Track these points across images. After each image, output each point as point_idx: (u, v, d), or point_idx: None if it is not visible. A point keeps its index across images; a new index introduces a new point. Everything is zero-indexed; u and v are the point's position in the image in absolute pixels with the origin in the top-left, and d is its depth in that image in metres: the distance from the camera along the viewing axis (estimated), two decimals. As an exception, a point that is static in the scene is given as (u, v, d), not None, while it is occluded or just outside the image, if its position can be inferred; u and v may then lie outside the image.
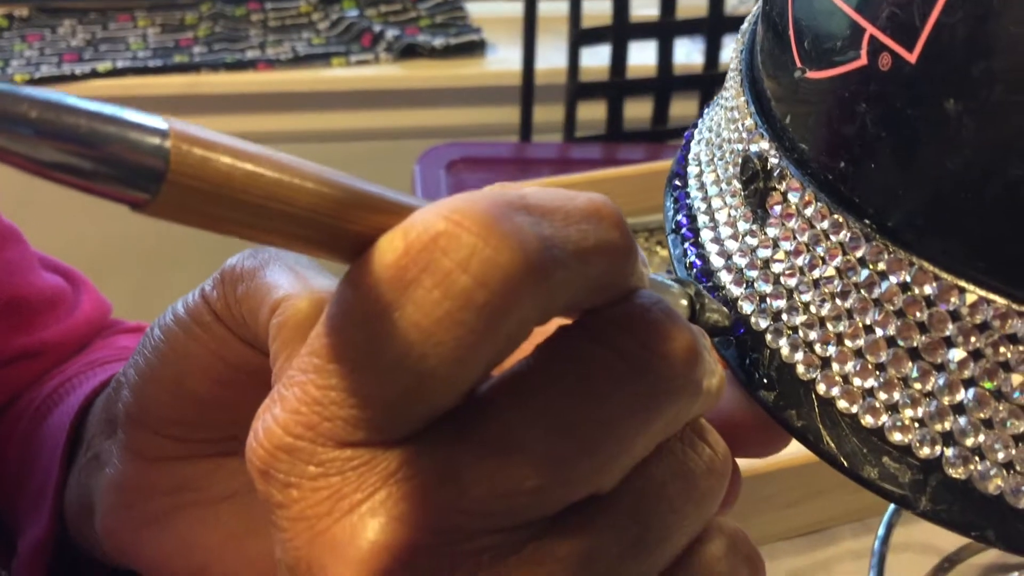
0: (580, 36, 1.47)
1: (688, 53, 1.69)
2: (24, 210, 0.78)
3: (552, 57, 1.60)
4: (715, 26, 1.50)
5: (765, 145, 0.28)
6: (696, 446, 0.24)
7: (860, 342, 0.26)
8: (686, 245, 0.31)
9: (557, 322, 0.23)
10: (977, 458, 0.24)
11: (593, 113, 1.54)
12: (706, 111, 0.34)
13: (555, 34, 1.60)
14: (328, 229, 0.20)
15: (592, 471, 0.21)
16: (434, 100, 1.73)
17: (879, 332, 0.25)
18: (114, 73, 1.62)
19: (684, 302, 0.27)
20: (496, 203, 0.20)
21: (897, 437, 0.25)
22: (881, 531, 0.54)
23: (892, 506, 0.55)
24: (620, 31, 1.47)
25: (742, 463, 0.30)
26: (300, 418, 0.21)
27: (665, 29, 1.50)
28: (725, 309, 0.28)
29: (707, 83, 1.56)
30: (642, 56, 1.54)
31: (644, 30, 1.50)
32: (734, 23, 1.49)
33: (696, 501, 0.23)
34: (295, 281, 0.29)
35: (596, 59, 1.51)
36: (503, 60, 1.72)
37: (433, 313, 0.19)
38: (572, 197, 0.22)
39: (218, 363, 0.31)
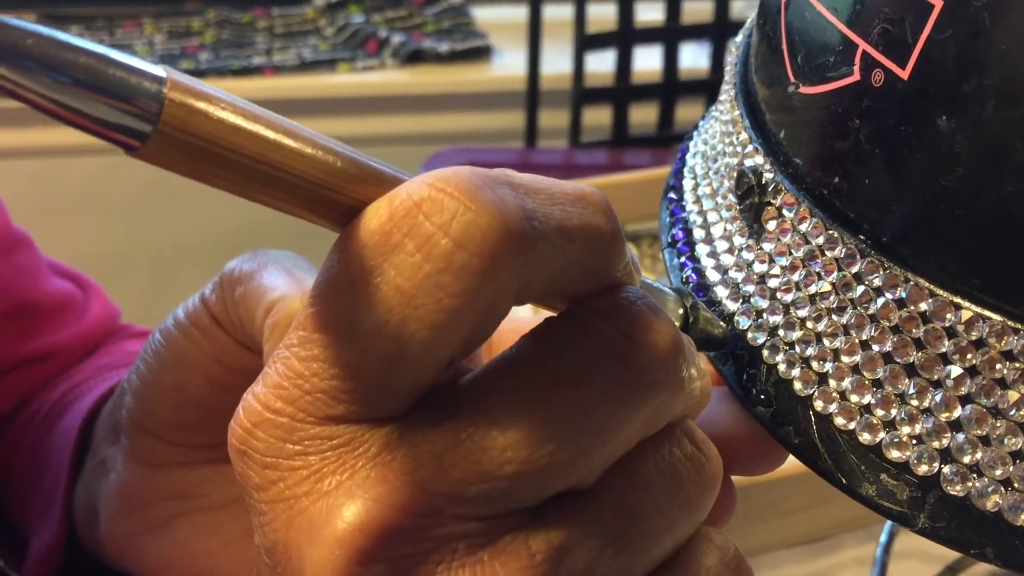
0: (585, 41, 1.46)
1: (694, 58, 1.69)
2: (36, 216, 0.79)
3: (557, 62, 1.60)
4: (721, 31, 1.50)
5: (760, 160, 0.28)
6: (684, 448, 0.24)
7: (857, 358, 0.25)
8: (682, 259, 0.31)
9: (545, 315, 0.23)
10: (975, 475, 0.24)
11: (598, 118, 1.53)
12: (701, 123, 0.34)
13: (560, 39, 1.60)
14: (316, 197, 0.20)
15: (570, 459, 0.21)
16: (440, 105, 1.73)
17: (876, 348, 0.25)
18: (120, 80, 1.62)
19: (679, 311, 0.27)
20: (480, 175, 0.20)
21: (895, 454, 0.25)
22: (883, 539, 0.54)
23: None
24: (625, 36, 1.47)
25: (744, 472, 0.30)
26: (281, 392, 0.21)
27: (670, 34, 1.50)
28: (720, 322, 0.28)
29: (713, 88, 1.56)
30: (647, 61, 1.53)
31: (649, 35, 1.50)
32: (740, 28, 1.49)
33: (683, 503, 0.23)
34: (291, 283, 0.29)
35: (601, 64, 1.51)
36: (509, 65, 1.72)
37: (414, 276, 0.19)
38: (560, 183, 0.22)
39: (217, 366, 0.31)
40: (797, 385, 0.27)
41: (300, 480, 0.21)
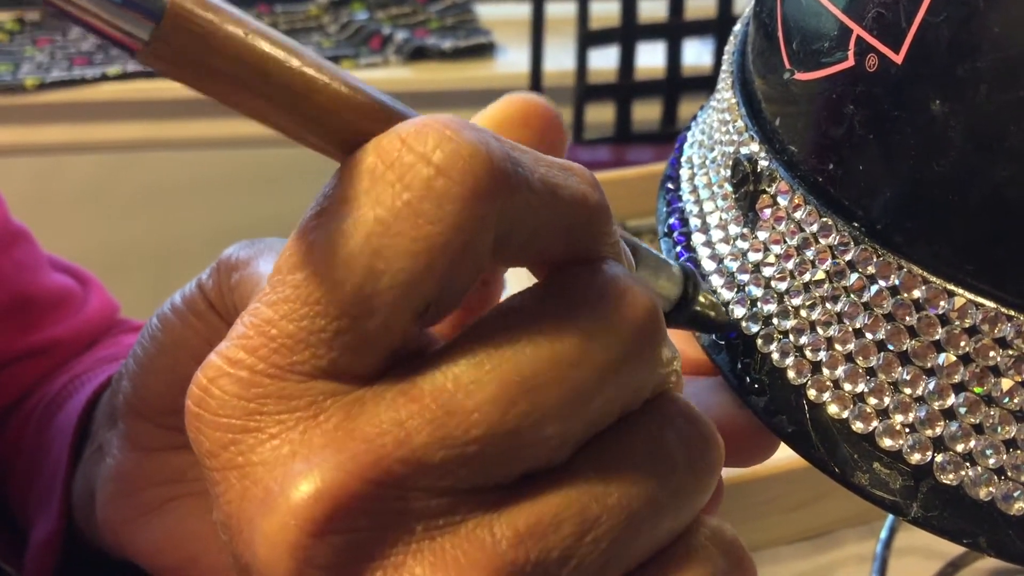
0: (588, 38, 1.46)
1: (697, 54, 1.68)
2: (38, 213, 0.79)
3: (560, 59, 1.60)
4: (724, 26, 1.49)
5: (755, 147, 0.28)
6: (680, 430, 0.22)
7: (850, 346, 0.25)
8: (678, 248, 0.31)
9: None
10: (968, 464, 0.24)
11: (601, 115, 1.53)
12: (700, 113, 0.34)
13: (563, 36, 1.60)
14: (313, 120, 0.19)
15: (539, 423, 0.20)
16: (443, 103, 1.73)
17: (869, 336, 0.25)
18: (124, 77, 1.63)
19: (678, 287, 0.27)
20: (469, 123, 0.20)
21: (887, 443, 0.25)
22: (884, 535, 0.54)
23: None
24: (628, 32, 1.47)
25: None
26: (245, 342, 0.20)
27: (673, 30, 1.50)
28: (721, 306, 0.28)
29: (716, 84, 1.56)
30: (650, 57, 1.53)
31: (652, 31, 1.50)
32: (743, 24, 1.48)
33: (675, 489, 0.22)
34: None
35: (604, 61, 1.51)
36: (512, 62, 1.72)
37: (393, 204, 0.19)
38: (548, 156, 0.22)
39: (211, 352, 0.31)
40: (791, 374, 0.26)
41: (255, 445, 0.20)
